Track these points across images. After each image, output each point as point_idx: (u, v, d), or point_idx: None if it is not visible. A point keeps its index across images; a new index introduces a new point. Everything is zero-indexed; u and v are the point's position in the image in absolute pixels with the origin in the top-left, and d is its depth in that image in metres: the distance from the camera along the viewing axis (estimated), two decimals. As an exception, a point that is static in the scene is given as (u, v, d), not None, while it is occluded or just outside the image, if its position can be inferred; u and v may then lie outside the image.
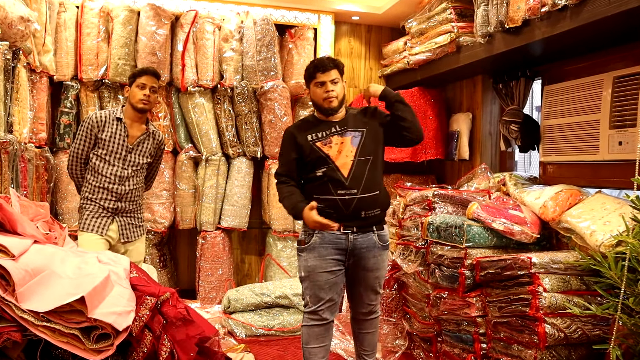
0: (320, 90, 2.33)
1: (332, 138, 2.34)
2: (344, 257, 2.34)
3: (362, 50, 4.53)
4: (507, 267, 2.34)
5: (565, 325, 2.16)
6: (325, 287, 2.33)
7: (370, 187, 2.32)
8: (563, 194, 2.69)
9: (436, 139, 3.86)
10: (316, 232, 2.31)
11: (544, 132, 3.14)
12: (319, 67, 2.32)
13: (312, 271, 2.33)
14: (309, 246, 2.34)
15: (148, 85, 2.73)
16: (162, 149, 2.96)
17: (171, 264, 4.06)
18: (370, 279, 2.39)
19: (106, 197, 2.72)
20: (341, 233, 2.31)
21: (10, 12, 2.59)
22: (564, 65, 3.05)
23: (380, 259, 2.39)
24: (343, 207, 2.28)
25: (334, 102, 2.33)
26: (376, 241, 2.36)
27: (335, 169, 2.30)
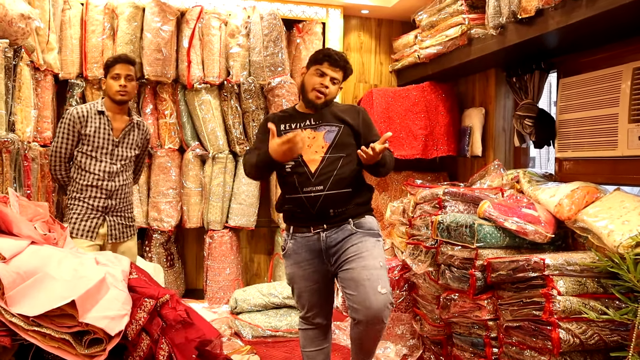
0: (317, 79, 2.18)
1: (303, 131, 2.18)
2: (321, 259, 2.17)
3: (372, 44, 4.43)
4: (519, 268, 2.23)
5: (581, 331, 2.05)
6: (305, 294, 2.23)
7: (340, 184, 2.14)
8: (579, 191, 2.56)
9: (448, 135, 3.75)
10: (289, 238, 2.21)
11: (559, 127, 3.01)
12: (330, 59, 2.17)
13: (292, 279, 2.25)
14: (286, 253, 2.25)
15: (123, 75, 2.62)
16: (147, 139, 2.85)
17: (179, 264, 4.02)
18: (357, 271, 2.04)
19: (95, 195, 2.62)
20: (312, 234, 2.16)
21: (10, 10, 2.56)
22: (580, 56, 2.91)
23: (360, 245, 2.10)
24: (309, 206, 2.13)
25: (321, 99, 2.19)
26: (352, 229, 2.14)
27: (303, 164, 2.15)
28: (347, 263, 2.10)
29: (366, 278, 2.02)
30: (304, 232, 2.18)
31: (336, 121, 2.22)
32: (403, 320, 3.15)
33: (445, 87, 3.84)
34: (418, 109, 3.80)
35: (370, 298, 2.00)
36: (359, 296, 2.02)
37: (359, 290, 2.02)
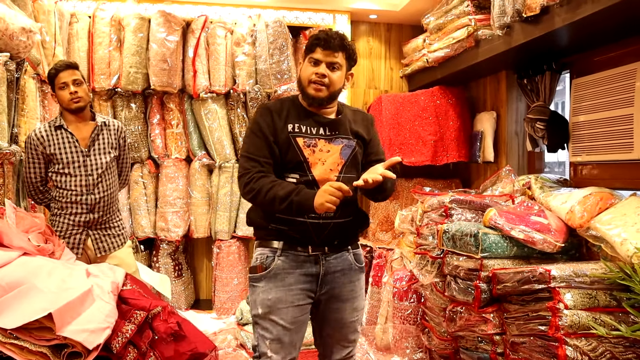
0: (311, 69, 1.78)
1: (317, 141, 1.81)
2: (315, 286, 1.83)
3: (381, 50, 4.35)
4: (524, 280, 2.11)
5: (591, 348, 1.91)
6: (292, 328, 1.79)
7: (348, 210, 1.84)
8: (592, 197, 2.42)
9: (458, 140, 3.63)
10: (278, 255, 1.80)
11: (572, 129, 2.87)
12: (321, 41, 1.77)
13: (273, 306, 1.77)
14: (270, 272, 1.79)
15: (69, 81, 2.49)
16: (123, 137, 2.70)
17: (187, 274, 4.00)
18: (347, 311, 1.87)
19: (76, 210, 2.53)
20: (310, 254, 1.80)
21: (11, 24, 2.59)
22: (592, 55, 2.77)
23: (358, 284, 1.92)
24: (314, 234, 1.79)
25: (322, 92, 1.77)
26: (352, 262, 1.90)
27: (313, 183, 1.78)
28: (339, 301, 1.87)
29: (353, 320, 1.92)
30: (298, 250, 1.81)
31: (352, 135, 1.87)
32: (411, 333, 3.04)
33: (455, 91, 3.73)
34: (427, 114, 3.70)
35: (350, 338, 1.93)
36: (340, 336, 1.91)
37: (342, 331, 1.90)
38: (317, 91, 1.78)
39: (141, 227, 3.76)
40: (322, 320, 1.90)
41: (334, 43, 1.77)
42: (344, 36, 1.82)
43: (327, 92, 1.78)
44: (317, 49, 1.78)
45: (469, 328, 2.43)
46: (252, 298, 1.85)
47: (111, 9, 3.68)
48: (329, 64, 1.77)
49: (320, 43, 1.77)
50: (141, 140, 3.77)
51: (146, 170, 3.82)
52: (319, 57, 1.77)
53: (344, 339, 1.91)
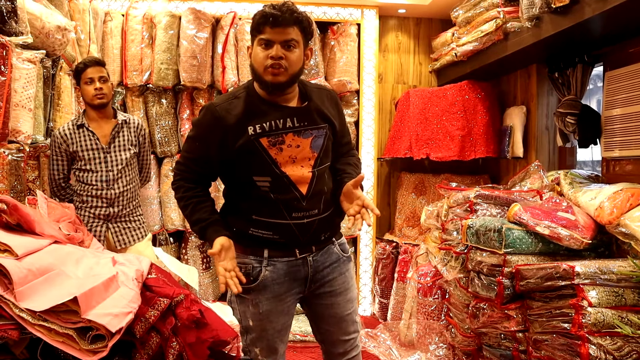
0: (264, 53, 1.54)
1: (284, 137, 1.61)
2: (304, 287, 1.74)
3: (410, 44, 4.31)
4: (547, 276, 2.06)
5: (616, 347, 1.86)
6: (282, 332, 1.74)
7: (329, 202, 1.72)
8: (623, 193, 2.34)
9: (487, 135, 3.57)
10: (265, 265, 1.67)
11: (605, 124, 2.77)
12: (268, 18, 1.51)
13: (265, 318, 1.70)
14: (259, 285, 1.67)
15: (96, 77, 2.57)
16: (143, 135, 2.78)
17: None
18: (342, 305, 1.79)
19: (96, 204, 2.62)
20: (297, 258, 1.69)
21: (47, 22, 2.71)
22: (627, 47, 2.67)
23: (348, 275, 1.81)
24: (299, 234, 1.67)
25: (280, 76, 1.55)
26: (339, 253, 1.79)
27: (288, 183, 1.62)
28: (333, 295, 1.78)
29: (348, 312, 1.82)
30: (285, 256, 1.69)
31: (321, 120, 1.69)
32: (434, 329, 3.01)
33: (484, 85, 3.66)
34: (455, 109, 3.65)
35: (350, 329, 1.83)
36: (339, 331, 1.81)
37: (340, 325, 1.80)
38: (275, 76, 1.56)
39: (171, 219, 3.85)
40: (318, 317, 1.82)
41: (284, 17, 1.52)
42: (294, 7, 1.56)
43: (287, 75, 1.57)
44: (265, 28, 1.53)
45: (492, 325, 2.39)
46: (240, 309, 1.76)
47: (143, 7, 3.78)
48: (283, 42, 1.54)
49: (268, 21, 1.52)
50: (171, 135, 3.86)
51: (176, 165, 3.91)
52: (269, 37, 1.53)
53: (343, 333, 1.82)
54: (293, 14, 1.54)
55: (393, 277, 3.72)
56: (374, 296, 3.97)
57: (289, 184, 1.63)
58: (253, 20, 1.58)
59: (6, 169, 2.44)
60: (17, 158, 2.55)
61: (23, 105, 2.51)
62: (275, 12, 1.52)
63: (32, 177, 2.67)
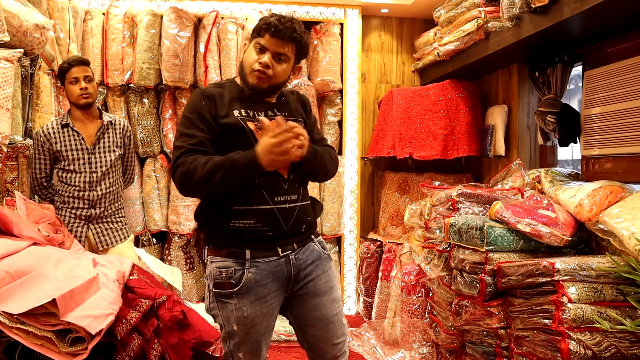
0: (255, 56, 1.63)
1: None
2: (286, 288, 1.71)
3: (393, 44, 4.33)
4: (528, 273, 2.09)
5: (595, 342, 1.88)
6: (266, 335, 1.70)
7: (306, 193, 1.76)
8: (602, 191, 2.38)
9: (469, 134, 3.59)
10: (248, 267, 1.63)
11: (584, 122, 2.82)
12: (271, 28, 1.60)
13: (250, 323, 1.64)
14: (242, 289, 1.62)
15: (81, 77, 2.55)
16: (128, 136, 2.75)
17: (199, 267, 4.05)
18: (327, 305, 1.74)
19: (78, 205, 2.59)
20: (280, 257, 1.67)
21: (25, 21, 2.66)
22: (605, 46, 2.72)
23: (331, 273, 1.79)
24: (282, 221, 1.65)
25: (263, 82, 1.64)
26: (320, 251, 1.78)
27: None
28: (317, 295, 1.73)
29: (335, 312, 1.77)
30: (268, 256, 1.65)
31: (298, 114, 1.78)
32: (418, 327, 3.02)
33: (466, 85, 3.69)
34: (438, 109, 3.67)
35: (338, 332, 1.78)
36: (327, 335, 1.75)
37: (328, 328, 1.74)
38: (259, 80, 1.64)
39: (153, 220, 3.81)
40: (303, 322, 1.76)
41: (285, 34, 1.61)
42: (297, 27, 1.64)
43: (269, 83, 1.65)
44: (266, 34, 1.62)
45: (475, 322, 2.41)
46: (222, 314, 1.67)
47: (124, 6, 3.74)
48: (275, 53, 1.63)
49: (270, 29, 1.61)
50: (154, 135, 3.82)
51: (158, 165, 3.87)
52: (265, 44, 1.62)
53: (331, 337, 1.76)
54: (293, 33, 1.62)
55: (377, 276, 3.73)
56: (359, 295, 3.98)
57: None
58: (258, 23, 1.67)
59: (-17, 170, 2.39)
60: (-6, 159, 2.50)
61: (0, 105, 2.46)
62: (278, 25, 1.60)
63: (10, 178, 2.62)
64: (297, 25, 1.65)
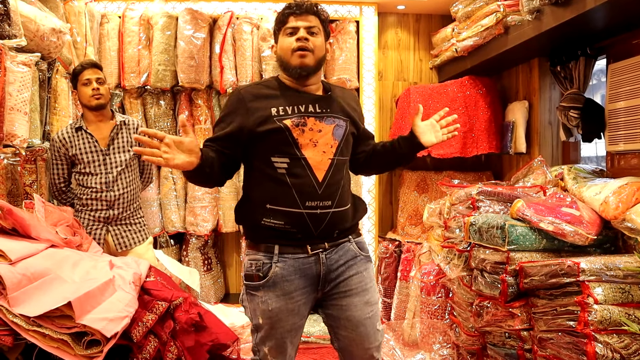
0: (290, 39, 1.66)
1: (307, 119, 1.64)
2: (315, 286, 1.70)
3: (410, 41, 4.27)
4: (552, 273, 2.02)
5: (623, 345, 1.81)
6: (292, 332, 1.69)
7: (345, 197, 1.73)
8: (628, 187, 2.29)
9: (489, 131, 3.52)
10: (275, 261, 1.65)
11: (609, 117, 2.72)
12: (292, 8, 1.67)
13: (274, 317, 1.66)
14: (268, 281, 1.66)
15: (93, 79, 2.58)
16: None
17: (217, 268, 4.05)
18: (359, 307, 1.71)
19: (96, 207, 2.61)
20: (309, 255, 1.66)
21: (41, 25, 2.69)
22: (630, 38, 2.62)
23: (366, 275, 1.75)
24: (312, 226, 1.64)
25: (307, 58, 1.64)
26: (356, 251, 1.74)
27: (305, 166, 1.63)
28: (348, 296, 1.71)
29: (367, 316, 1.72)
30: (296, 252, 1.66)
31: (343, 113, 1.74)
32: (438, 328, 2.97)
33: (486, 81, 3.62)
34: (457, 106, 3.60)
35: (370, 338, 1.73)
36: (358, 337, 1.72)
37: (358, 330, 1.71)
38: (302, 57, 1.65)
39: (171, 221, 3.82)
40: (334, 321, 1.75)
41: (307, 6, 1.68)
42: (313, 3, 1.72)
43: (313, 57, 1.67)
44: (289, 18, 1.68)
45: (496, 323, 2.35)
46: (250, 307, 1.73)
47: (140, 9, 3.76)
48: (307, 28, 1.67)
49: (292, 11, 1.68)
50: (170, 137, 3.83)
51: (176, 166, 3.88)
52: (295, 24, 1.67)
53: (364, 341, 1.71)
54: (313, 6, 1.69)
55: (396, 276, 3.68)
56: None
57: (306, 167, 1.64)
58: (277, 18, 1.73)
59: (2, 173, 2.42)
60: (13, 162, 2.53)
61: (18, 109, 2.49)
62: (298, 4, 1.68)
63: (29, 181, 2.65)
64: (313, 2, 1.72)
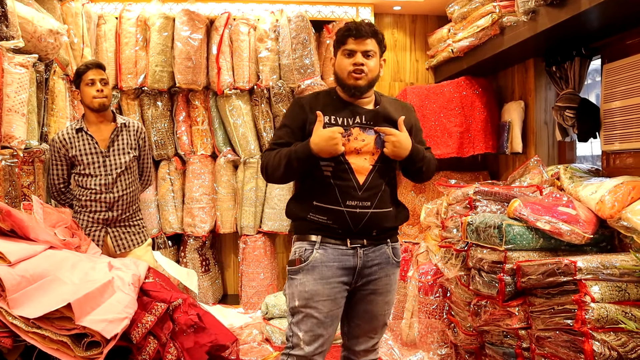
0: (347, 60, 1.81)
1: (352, 130, 1.84)
2: (352, 278, 1.86)
3: (406, 42, 4.29)
4: (549, 272, 2.03)
5: (620, 343, 1.82)
6: (326, 321, 1.82)
7: (386, 201, 1.88)
8: (624, 187, 2.31)
9: (485, 131, 3.54)
10: (317, 247, 1.83)
11: (604, 117, 2.74)
12: (352, 32, 1.80)
13: (310, 299, 1.81)
14: (308, 265, 1.82)
15: (97, 80, 2.56)
16: (143, 138, 2.75)
17: (215, 269, 4.05)
18: (379, 304, 1.91)
19: (96, 208, 2.60)
20: (348, 247, 1.84)
21: (39, 26, 2.69)
22: (625, 38, 2.64)
23: (393, 278, 1.94)
24: (351, 223, 1.82)
25: (361, 80, 1.81)
26: (390, 256, 1.91)
27: (348, 170, 1.82)
28: (373, 293, 1.90)
29: (383, 313, 1.95)
30: (337, 243, 1.84)
31: (389, 125, 1.88)
32: (436, 328, 2.98)
33: (482, 81, 3.64)
34: (453, 106, 3.62)
35: (377, 330, 1.97)
36: (368, 328, 1.95)
37: (371, 322, 1.94)
38: (356, 80, 1.82)
39: (169, 222, 3.83)
40: (353, 310, 1.93)
41: (365, 30, 1.81)
42: (371, 23, 1.87)
43: (367, 79, 1.83)
44: (348, 39, 1.82)
45: (494, 322, 2.36)
46: (289, 291, 1.87)
47: (137, 10, 3.76)
48: (363, 52, 1.81)
49: (352, 33, 1.81)
50: (168, 138, 3.83)
51: (173, 167, 3.88)
52: (352, 48, 1.81)
53: (372, 331, 1.94)
54: (371, 27, 1.83)
55: (394, 276, 3.69)
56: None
57: (348, 171, 1.83)
58: (337, 34, 1.87)
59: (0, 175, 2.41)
60: (10, 164, 2.52)
61: (16, 110, 2.48)
62: (358, 27, 1.81)
63: (26, 182, 2.64)
64: (371, 22, 1.88)
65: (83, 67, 2.63)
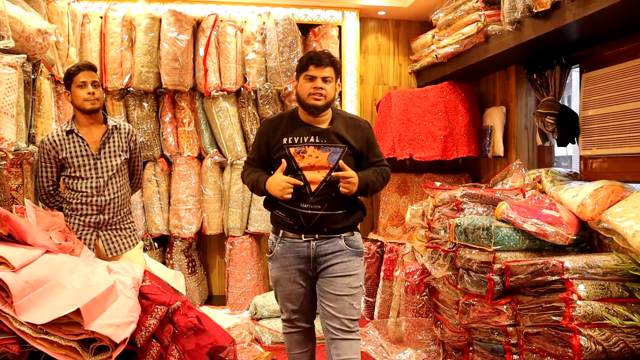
0: (308, 84, 2.14)
1: (307, 148, 2.17)
2: (308, 265, 2.23)
3: (390, 46, 4.38)
4: (537, 272, 2.14)
5: (604, 338, 1.95)
6: (291, 297, 2.29)
7: (337, 204, 2.20)
8: (603, 190, 2.45)
9: (468, 135, 3.66)
10: (278, 242, 2.25)
11: (583, 123, 2.89)
12: (313, 60, 2.14)
13: (277, 282, 2.29)
14: (273, 256, 2.29)
15: (88, 82, 2.51)
16: (134, 140, 2.72)
17: (201, 270, 4.05)
18: (339, 285, 2.19)
19: (87, 212, 2.56)
20: (303, 240, 2.21)
21: (27, 26, 2.64)
22: (603, 49, 2.79)
23: (350, 264, 2.21)
24: (304, 222, 2.19)
25: (320, 101, 2.13)
26: (343, 245, 2.21)
27: (303, 180, 2.17)
28: (332, 278, 2.20)
29: (345, 294, 2.20)
30: (294, 237, 2.22)
31: (340, 142, 2.20)
32: (424, 326, 3.07)
33: (464, 86, 3.75)
34: (437, 110, 3.72)
35: (346, 310, 2.20)
36: (337, 306, 2.19)
37: (337, 302, 2.20)
38: (316, 100, 2.13)
39: (155, 224, 3.80)
40: (321, 293, 2.25)
41: (325, 60, 2.14)
42: (330, 54, 2.20)
43: (324, 101, 2.15)
44: (310, 66, 2.14)
45: (482, 320, 2.47)
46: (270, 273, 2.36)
47: (122, 9, 3.72)
48: (322, 78, 2.13)
49: (313, 61, 2.13)
50: (153, 139, 3.81)
51: (159, 169, 3.86)
52: (313, 74, 2.13)
53: (339, 311, 2.18)
54: (330, 58, 2.16)
55: (379, 276, 3.77)
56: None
57: (302, 180, 2.17)
58: (300, 62, 2.20)
59: (-10, 177, 2.37)
60: None
61: (5, 112, 2.44)
62: (318, 56, 2.14)
63: (15, 185, 2.60)
64: (329, 53, 2.20)
65: (74, 69, 2.58)
